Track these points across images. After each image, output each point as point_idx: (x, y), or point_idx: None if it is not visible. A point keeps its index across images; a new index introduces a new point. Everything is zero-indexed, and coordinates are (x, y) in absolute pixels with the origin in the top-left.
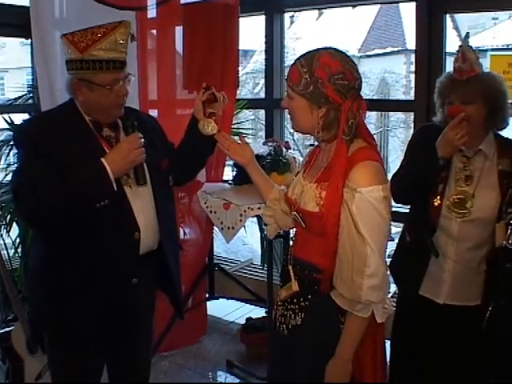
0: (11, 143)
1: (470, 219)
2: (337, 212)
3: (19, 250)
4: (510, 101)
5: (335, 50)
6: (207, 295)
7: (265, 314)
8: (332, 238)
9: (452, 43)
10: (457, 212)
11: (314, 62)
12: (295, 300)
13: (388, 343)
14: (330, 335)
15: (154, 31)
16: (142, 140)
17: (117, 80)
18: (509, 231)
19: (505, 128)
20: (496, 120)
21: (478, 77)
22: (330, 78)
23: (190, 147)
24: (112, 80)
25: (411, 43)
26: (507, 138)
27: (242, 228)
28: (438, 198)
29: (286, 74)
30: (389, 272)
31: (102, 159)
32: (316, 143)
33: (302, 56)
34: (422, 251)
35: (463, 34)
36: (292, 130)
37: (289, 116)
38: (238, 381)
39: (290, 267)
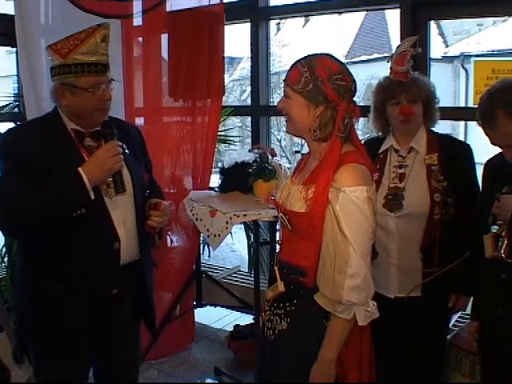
0: None
1: (404, 214)
2: (323, 210)
3: (5, 259)
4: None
5: (331, 55)
6: (195, 303)
7: (252, 321)
8: (318, 239)
9: (437, 49)
10: (391, 208)
11: (314, 62)
12: (281, 305)
13: None
14: (315, 340)
15: (140, 39)
16: (121, 148)
17: (99, 83)
18: (500, 243)
19: (433, 127)
20: (428, 119)
21: (418, 79)
22: (330, 78)
23: None
24: (94, 83)
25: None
26: (438, 133)
27: (230, 235)
28: None
29: (272, 80)
30: None
31: (79, 168)
32: (303, 151)
33: (301, 59)
34: None
35: (448, 40)
36: (279, 137)
37: (284, 118)
38: None
39: (276, 268)
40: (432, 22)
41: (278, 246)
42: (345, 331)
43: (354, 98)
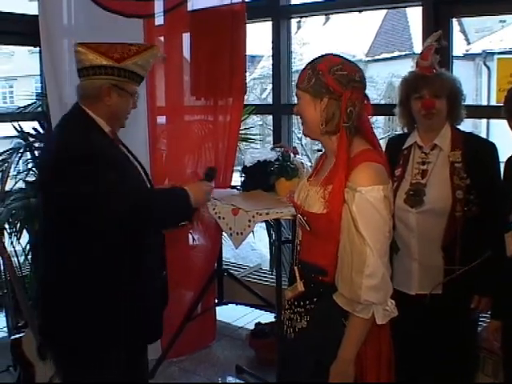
0: (21, 151)
1: (425, 210)
2: (341, 210)
3: (29, 256)
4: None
5: (335, 54)
6: (216, 301)
7: (274, 319)
8: (337, 239)
9: (459, 47)
10: (412, 203)
11: (316, 61)
12: (301, 303)
13: None
14: (334, 339)
15: (162, 38)
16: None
17: (136, 93)
18: None
19: (458, 125)
20: (454, 116)
21: (442, 74)
22: (330, 69)
23: None
24: (134, 92)
25: (418, 47)
26: (463, 131)
27: (251, 233)
28: None
29: (293, 79)
30: None
31: (186, 188)
32: (323, 149)
33: (308, 63)
34: None
35: (470, 38)
36: (300, 135)
37: (300, 121)
38: None
39: (296, 268)
40: (454, 20)
41: (297, 246)
42: (363, 330)
43: (375, 97)
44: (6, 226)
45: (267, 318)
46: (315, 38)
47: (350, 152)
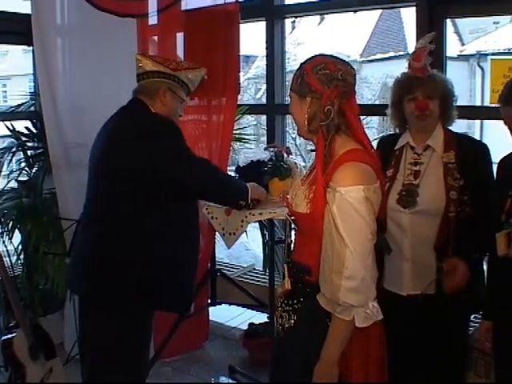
0: (13, 150)
1: (418, 211)
2: (323, 210)
3: (21, 256)
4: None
5: (332, 56)
6: (209, 301)
7: (267, 320)
8: (321, 239)
9: (453, 47)
10: (405, 204)
11: (307, 60)
12: (290, 302)
13: None
14: (319, 339)
15: (156, 38)
16: None
17: (184, 101)
18: None
19: (450, 125)
20: (445, 117)
21: (435, 75)
22: (313, 69)
23: None
24: (184, 99)
25: (413, 48)
26: (455, 133)
27: (244, 233)
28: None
29: (287, 79)
30: None
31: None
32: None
33: None
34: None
35: (464, 39)
36: (294, 135)
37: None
38: None
39: (285, 265)
40: (448, 20)
41: (290, 245)
42: (345, 332)
43: (370, 97)
44: None
45: (260, 318)
46: (310, 38)
47: (334, 151)
